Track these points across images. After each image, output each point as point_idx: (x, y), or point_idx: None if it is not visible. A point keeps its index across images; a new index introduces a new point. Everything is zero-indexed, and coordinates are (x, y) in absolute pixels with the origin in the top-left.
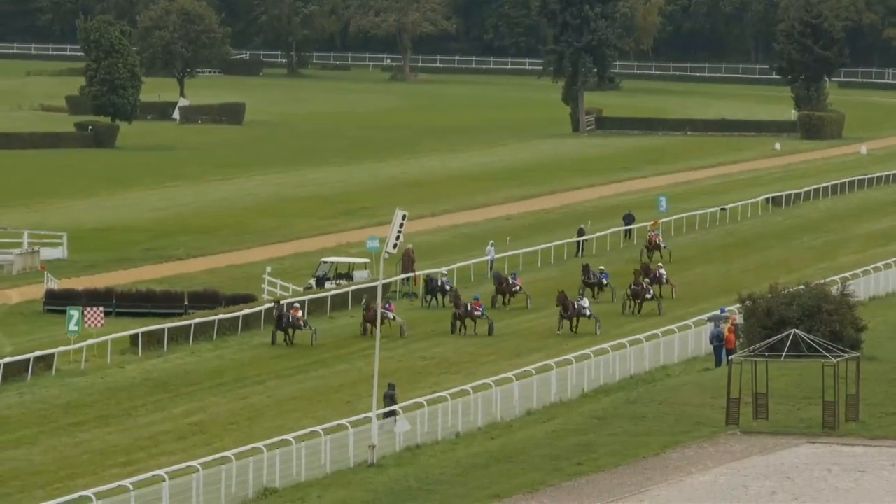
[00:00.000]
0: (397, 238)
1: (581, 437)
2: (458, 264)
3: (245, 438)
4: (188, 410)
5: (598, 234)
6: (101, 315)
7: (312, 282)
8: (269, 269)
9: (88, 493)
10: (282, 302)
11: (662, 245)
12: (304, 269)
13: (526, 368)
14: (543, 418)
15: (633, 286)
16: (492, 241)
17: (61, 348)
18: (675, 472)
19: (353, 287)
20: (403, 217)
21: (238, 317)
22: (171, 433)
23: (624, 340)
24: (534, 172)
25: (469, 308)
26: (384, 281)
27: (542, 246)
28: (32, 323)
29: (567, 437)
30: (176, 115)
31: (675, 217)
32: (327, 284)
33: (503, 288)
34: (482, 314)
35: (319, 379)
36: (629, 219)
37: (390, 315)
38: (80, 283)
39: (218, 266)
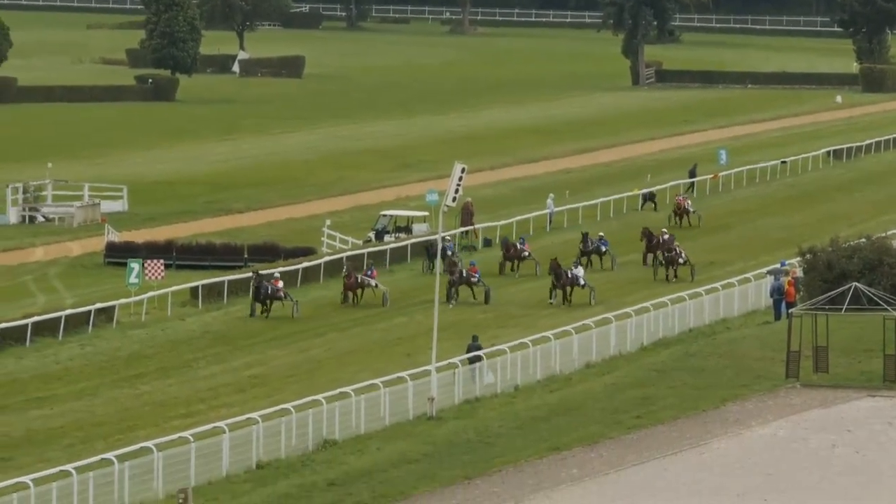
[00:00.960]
0: (456, 191)
1: (640, 391)
2: (518, 217)
3: (304, 391)
4: (248, 363)
5: (658, 186)
6: (162, 268)
7: (372, 235)
8: (328, 222)
9: (149, 444)
10: (259, 272)
11: (691, 210)
12: (363, 222)
13: (585, 322)
14: (602, 371)
15: (666, 253)
16: (551, 195)
17: (122, 300)
18: (735, 426)
19: (413, 240)
20: (462, 170)
21: (298, 269)
22: (231, 385)
23: (683, 294)
24: (593, 126)
25: (465, 274)
26: (443, 234)
27: (602, 199)
28: (93, 275)
29: (626, 390)
30: (235, 68)
31: (735, 170)
32: (387, 238)
33: (511, 254)
34: (479, 281)
35: (379, 332)
36: (693, 172)
37: (373, 282)
38: (140, 236)
39: (277, 219)
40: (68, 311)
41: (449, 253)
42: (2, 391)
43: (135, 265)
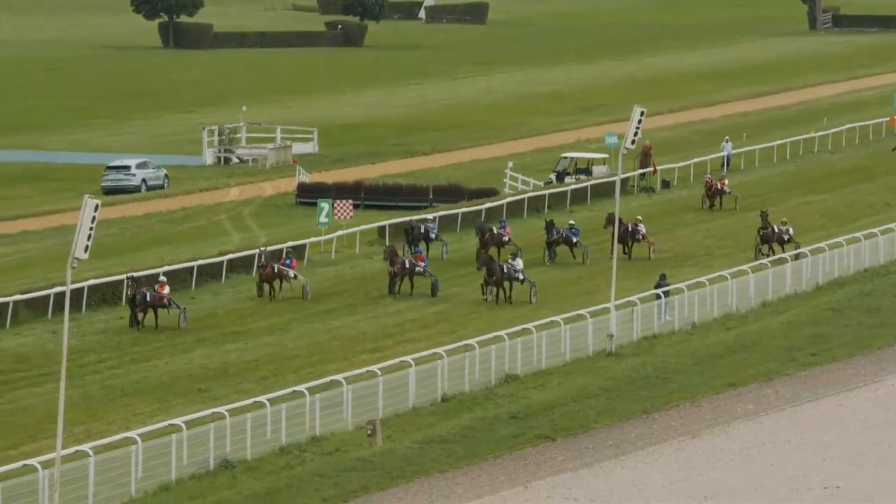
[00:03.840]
0: (635, 134)
1: (815, 329)
2: (696, 160)
3: (487, 327)
4: (432, 301)
5: (833, 130)
6: (351, 207)
7: (553, 176)
8: (510, 164)
9: (339, 377)
10: (135, 277)
11: (727, 191)
12: (544, 164)
13: (762, 262)
14: (778, 310)
15: (761, 230)
16: (727, 137)
17: (312, 239)
18: None
19: (593, 181)
20: (641, 114)
21: (481, 210)
22: (417, 322)
23: (859, 234)
24: (769, 70)
25: (409, 265)
26: (622, 175)
27: (778, 142)
28: (285, 215)
29: (802, 328)
30: (422, 14)
31: None
32: (567, 179)
33: (487, 240)
34: (424, 270)
35: (558, 271)
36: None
37: (291, 273)
38: (330, 177)
39: (461, 161)
40: (262, 249)
41: (433, 236)
42: (200, 325)
43: (325, 205)
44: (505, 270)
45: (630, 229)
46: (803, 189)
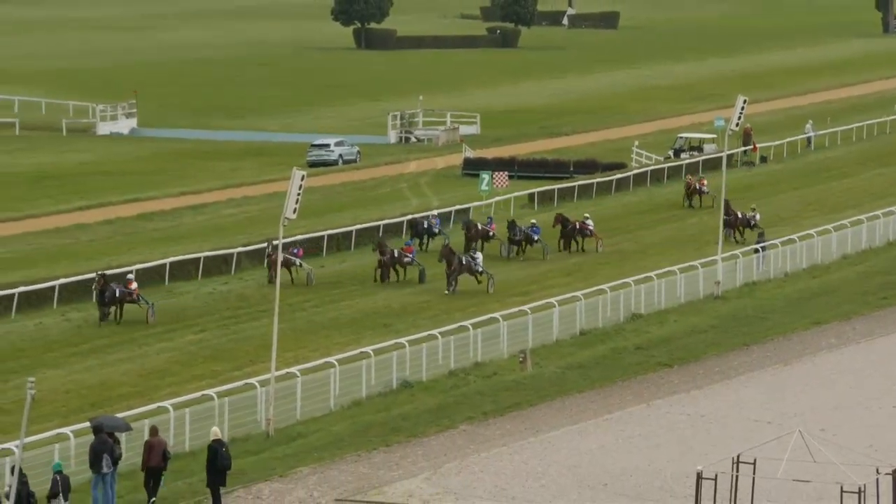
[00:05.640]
0: (739, 118)
1: (886, 277)
2: (787, 139)
3: (616, 275)
4: (571, 255)
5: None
6: (506, 178)
7: (671, 152)
8: (636, 142)
9: (496, 315)
10: (104, 274)
11: (705, 191)
12: (664, 142)
13: (841, 222)
14: (856, 262)
15: (724, 217)
16: (810, 121)
17: (475, 203)
18: None
19: (703, 157)
20: (744, 101)
21: (612, 180)
22: (559, 270)
23: None
24: (849, 65)
25: (397, 255)
26: (728, 152)
27: (856, 125)
28: (453, 183)
29: (874, 276)
30: (565, 21)
31: None
32: (683, 155)
33: (472, 234)
34: (412, 260)
35: (674, 231)
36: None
37: (297, 262)
38: (489, 153)
39: (596, 140)
40: (436, 211)
41: (436, 231)
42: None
43: (485, 176)
44: (464, 262)
45: (579, 227)
46: (876, 163)
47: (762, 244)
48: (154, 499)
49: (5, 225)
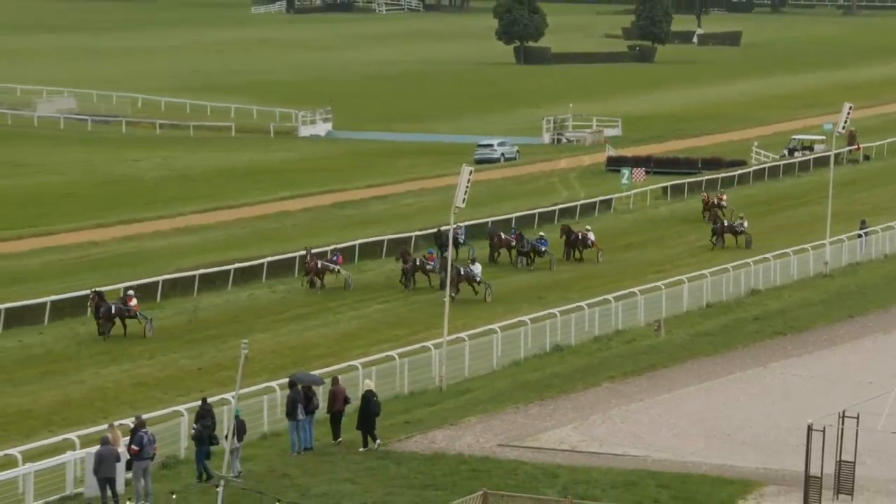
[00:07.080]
0: (845, 122)
1: None
2: (889, 139)
3: (735, 258)
4: (698, 238)
5: None
6: (643, 173)
7: (785, 152)
8: (755, 143)
9: (635, 289)
10: (98, 291)
11: (724, 205)
12: (779, 143)
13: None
14: None
15: (713, 226)
16: None
17: (617, 195)
18: None
19: (814, 155)
20: (850, 108)
21: (734, 175)
22: (689, 254)
23: None
24: None
25: (419, 262)
26: (835, 151)
27: None
28: (598, 178)
29: None
30: (694, 40)
31: None
32: (796, 154)
33: (496, 243)
34: (434, 268)
35: (786, 218)
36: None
37: (335, 268)
38: (629, 152)
39: (720, 141)
40: (581, 202)
41: (461, 242)
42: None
43: (625, 171)
44: (463, 273)
45: (581, 237)
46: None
47: (865, 230)
48: (340, 439)
49: (225, 212)
